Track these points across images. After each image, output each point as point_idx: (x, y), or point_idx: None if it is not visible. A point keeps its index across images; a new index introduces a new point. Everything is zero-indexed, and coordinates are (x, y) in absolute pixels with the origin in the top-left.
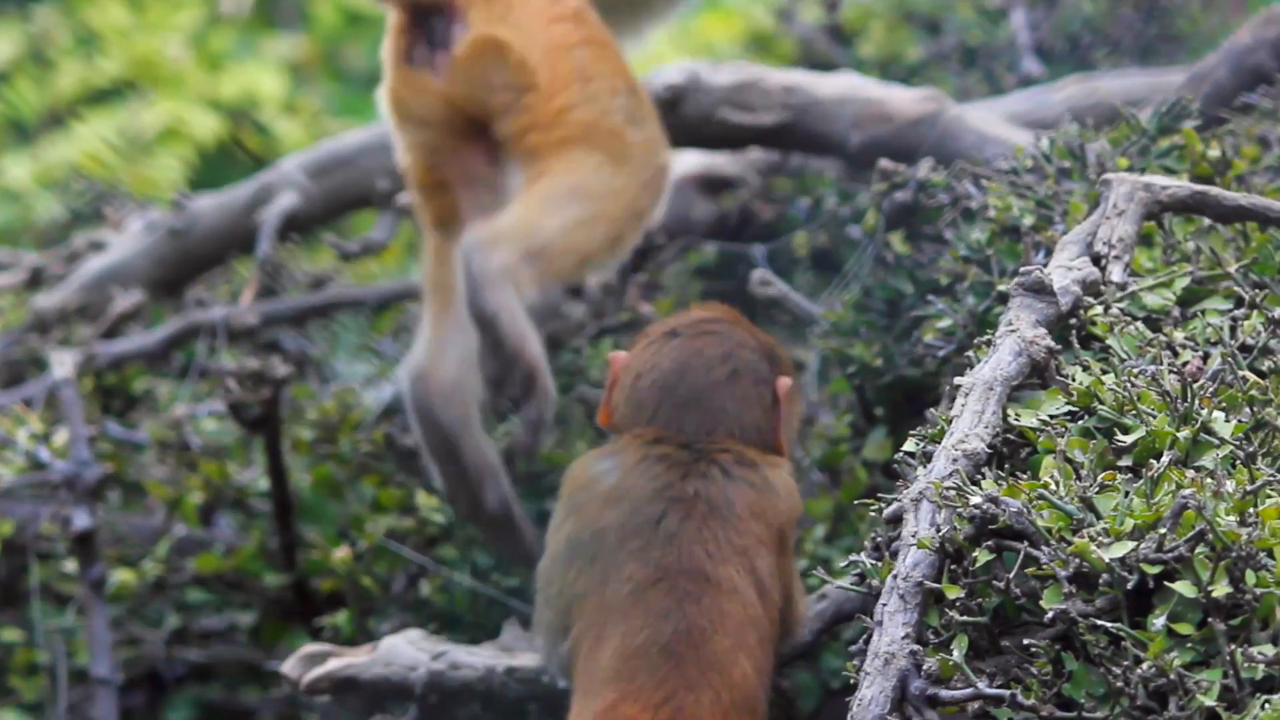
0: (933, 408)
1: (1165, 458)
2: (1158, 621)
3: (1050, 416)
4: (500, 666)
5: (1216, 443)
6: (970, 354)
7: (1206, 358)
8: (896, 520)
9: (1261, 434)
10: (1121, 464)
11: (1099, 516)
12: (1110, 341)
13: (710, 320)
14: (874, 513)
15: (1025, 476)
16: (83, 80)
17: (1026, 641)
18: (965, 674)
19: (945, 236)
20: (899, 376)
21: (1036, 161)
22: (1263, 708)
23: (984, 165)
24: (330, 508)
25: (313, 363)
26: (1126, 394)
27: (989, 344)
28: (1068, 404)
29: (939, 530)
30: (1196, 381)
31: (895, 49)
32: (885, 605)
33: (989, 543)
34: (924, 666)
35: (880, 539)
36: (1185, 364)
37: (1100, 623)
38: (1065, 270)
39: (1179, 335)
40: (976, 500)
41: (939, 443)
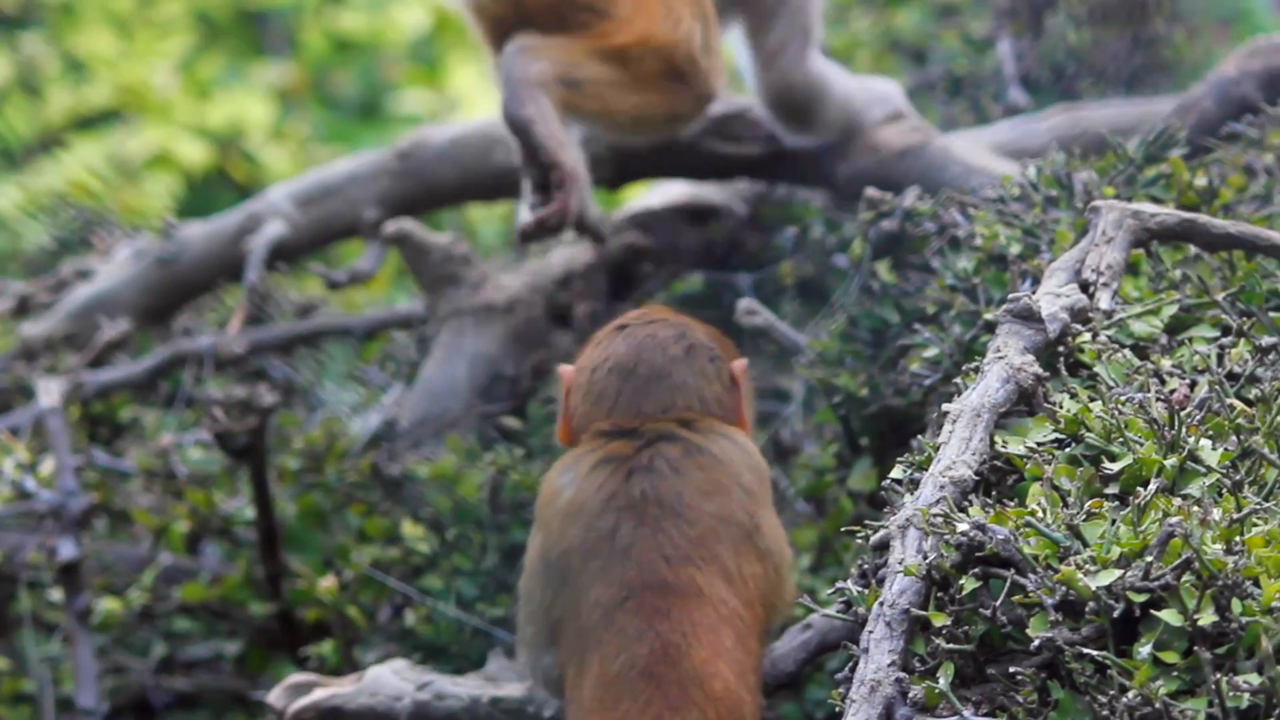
0: (918, 436)
1: (1152, 485)
2: (1144, 650)
3: (1037, 444)
4: (485, 696)
5: (1203, 471)
6: (957, 382)
7: (1194, 385)
8: (883, 547)
9: (1248, 462)
10: (1108, 491)
11: (1086, 544)
12: (1098, 369)
13: (655, 312)
14: (860, 540)
15: (1012, 504)
16: (71, 108)
17: (1013, 670)
18: (951, 702)
19: (932, 265)
20: (884, 406)
21: (1023, 190)
22: None
23: (971, 195)
24: (316, 537)
25: (300, 391)
26: (1114, 421)
27: (977, 370)
28: (1055, 431)
29: (926, 557)
30: (1184, 409)
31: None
32: (871, 632)
33: (976, 570)
34: (910, 694)
35: (867, 566)
36: (1172, 392)
37: (1086, 651)
38: (1053, 297)
39: (1166, 363)
40: (963, 527)
41: (926, 469)
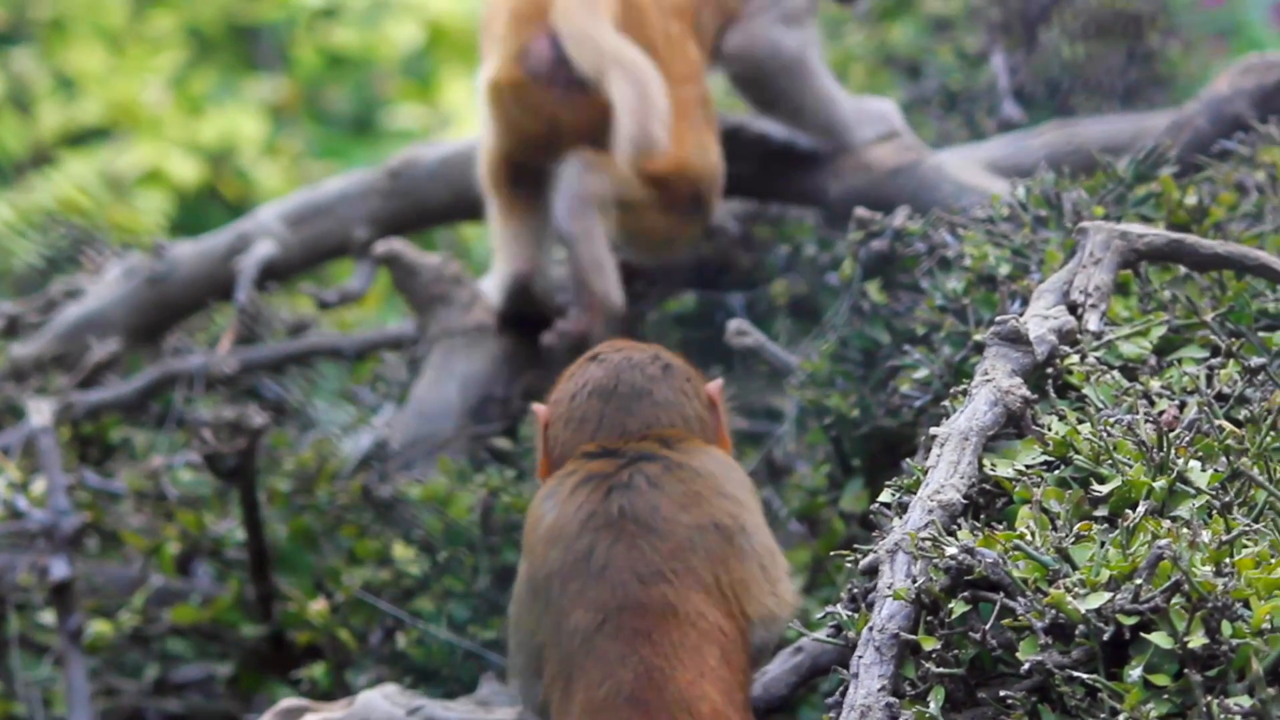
0: (910, 458)
1: (1141, 508)
2: (1134, 673)
3: (1026, 466)
4: None
5: (1193, 492)
6: (946, 403)
7: (1183, 407)
8: (872, 571)
9: (1238, 484)
10: (1097, 514)
11: (1075, 567)
12: (1086, 391)
13: (623, 341)
14: (850, 564)
15: (1001, 527)
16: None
17: (1003, 693)
18: None
19: (922, 285)
20: (876, 427)
21: (1013, 210)
22: None
23: (961, 214)
24: (307, 559)
25: (291, 410)
26: (1102, 443)
27: (964, 393)
28: (1044, 454)
29: (915, 581)
30: (1173, 431)
31: (876, 93)
32: (861, 657)
33: (965, 594)
34: (900, 719)
35: (856, 590)
36: (1161, 413)
37: (1076, 674)
38: (1041, 319)
39: (1155, 384)
40: (952, 551)
41: (915, 493)
